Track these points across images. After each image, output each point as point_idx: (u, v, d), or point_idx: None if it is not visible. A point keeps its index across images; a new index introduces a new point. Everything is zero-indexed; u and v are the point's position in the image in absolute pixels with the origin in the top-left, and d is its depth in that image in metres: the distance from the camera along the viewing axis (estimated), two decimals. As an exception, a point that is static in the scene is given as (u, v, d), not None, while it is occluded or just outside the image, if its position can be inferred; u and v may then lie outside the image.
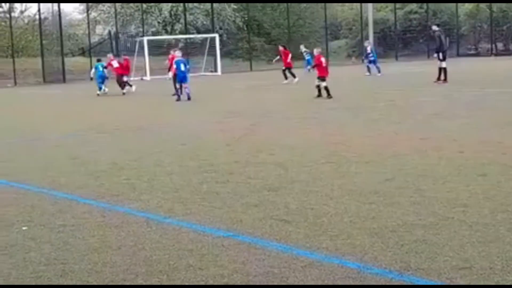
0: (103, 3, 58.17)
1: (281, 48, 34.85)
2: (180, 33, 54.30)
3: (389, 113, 17.37)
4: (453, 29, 59.92)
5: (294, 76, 32.29)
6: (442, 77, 27.07)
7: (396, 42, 57.86)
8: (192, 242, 6.53)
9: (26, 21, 56.78)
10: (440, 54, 27.27)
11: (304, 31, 60.10)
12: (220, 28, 55.40)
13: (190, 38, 52.04)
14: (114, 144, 13.97)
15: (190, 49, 51.01)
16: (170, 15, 57.18)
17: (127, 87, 30.26)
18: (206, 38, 48.64)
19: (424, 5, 59.37)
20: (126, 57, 33.01)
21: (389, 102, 20.26)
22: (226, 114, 18.96)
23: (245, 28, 56.48)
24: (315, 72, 23.64)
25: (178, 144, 13.28)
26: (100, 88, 29.81)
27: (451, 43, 58.95)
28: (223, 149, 12.38)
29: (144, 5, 53.58)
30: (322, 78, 22.82)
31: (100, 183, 9.68)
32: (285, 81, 32.22)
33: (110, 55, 32.58)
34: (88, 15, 52.90)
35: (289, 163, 10.61)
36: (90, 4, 54.39)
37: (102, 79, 30.05)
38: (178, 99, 24.32)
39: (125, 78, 30.61)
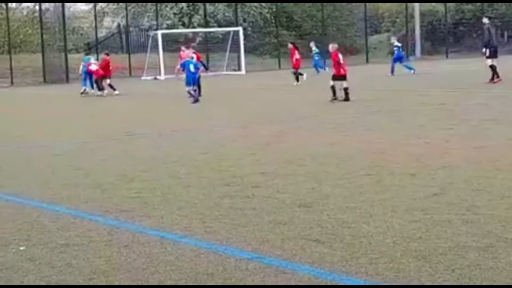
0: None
1: (290, 46, 35.80)
2: (199, 26, 54.49)
3: (438, 118, 17.28)
4: (512, 21, 59.62)
5: (297, 79, 33.26)
6: (496, 76, 26.91)
7: (446, 37, 57.58)
8: (212, 265, 6.54)
9: (24, 12, 57.27)
10: (487, 50, 27.20)
11: (340, 24, 60.05)
12: (244, 21, 55.49)
13: (210, 32, 52.19)
14: (123, 153, 14.03)
15: (210, 45, 51.14)
16: (188, 6, 57.40)
17: (106, 90, 30.93)
18: (228, 32, 48.73)
19: (479, -5, 59.11)
20: (106, 56, 33.52)
21: (437, 105, 20.18)
22: (251, 119, 18.98)
23: (273, 21, 56.53)
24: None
25: (196, 153, 13.31)
26: (84, 84, 31.75)
27: (509, 38, 58.71)
28: (247, 159, 12.39)
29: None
30: (340, 77, 22.75)
31: (107, 196, 9.73)
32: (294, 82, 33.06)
33: (90, 58, 33.51)
34: (94, 6, 53.26)
35: (322, 175, 10.59)
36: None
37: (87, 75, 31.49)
38: (196, 101, 24.59)
39: (107, 81, 31.32)
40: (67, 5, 49.73)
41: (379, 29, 66.90)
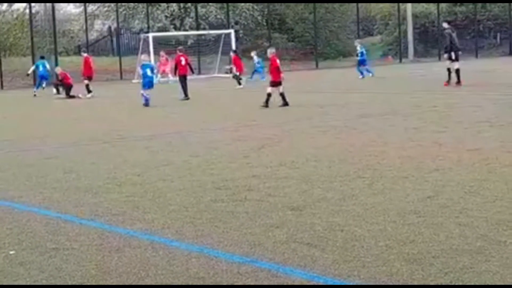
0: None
1: (232, 54, 38.08)
2: (191, 28, 54.52)
3: (431, 120, 17.31)
4: (505, 23, 59.75)
5: (239, 83, 35.06)
6: (455, 79, 27.94)
7: (439, 39, 57.64)
8: (203, 268, 6.53)
9: (14, 15, 57.15)
10: (453, 54, 28.21)
11: (333, 27, 60.14)
12: (236, 23, 55.53)
13: (201, 35, 52.18)
14: (115, 156, 14.01)
15: (202, 47, 51.14)
16: (179, 9, 57.44)
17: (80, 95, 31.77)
18: (220, 35, 48.74)
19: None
20: (84, 54, 34.24)
21: (431, 108, 20.21)
22: (244, 121, 18.99)
23: (265, 23, 56.56)
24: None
25: (188, 156, 13.31)
26: (37, 87, 33.75)
27: (502, 40, 58.90)
28: (239, 162, 12.40)
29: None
30: (276, 83, 22.95)
31: (98, 200, 9.72)
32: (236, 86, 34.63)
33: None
34: (85, 9, 53.18)
35: (315, 178, 10.60)
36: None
37: (42, 78, 33.25)
38: (187, 98, 25.87)
39: (86, 82, 32.10)
40: (57, 7, 49.66)
41: (371, 32, 67.05)
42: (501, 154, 11.92)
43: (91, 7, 58.88)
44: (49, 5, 46.68)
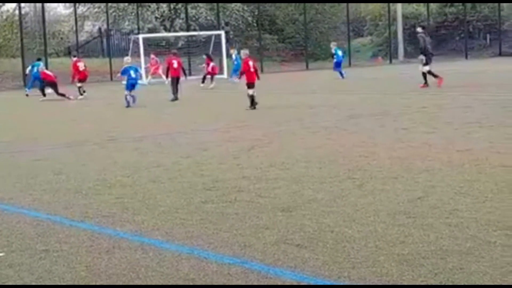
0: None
1: (205, 56, 39.14)
2: (181, 29, 54.50)
3: (421, 121, 17.34)
4: (494, 24, 59.92)
5: (202, 81, 37.07)
6: (425, 82, 28.68)
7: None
8: (193, 270, 6.53)
9: (4, 16, 57.04)
10: (424, 58, 29.25)
11: (323, 28, 60.23)
12: (226, 24, 55.54)
13: (192, 36, 52.15)
14: (105, 157, 13.99)
15: (192, 49, 51.10)
16: (169, 10, 57.41)
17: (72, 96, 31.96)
18: (210, 36, 48.71)
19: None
20: (73, 58, 34.62)
21: (420, 109, 20.24)
22: (234, 123, 18.99)
23: (255, 24, 56.60)
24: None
25: (178, 157, 13.30)
26: (29, 88, 34.63)
27: (492, 41, 59.07)
28: (230, 163, 12.39)
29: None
30: (249, 85, 22.99)
31: (88, 202, 9.70)
32: (210, 85, 35.83)
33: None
34: (75, 10, 53.10)
35: (305, 179, 10.61)
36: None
37: (36, 79, 33.66)
38: (176, 99, 26.54)
39: (78, 84, 32.66)
40: (47, 9, 49.64)
41: (361, 33, 67.15)
42: (490, 155, 11.95)
43: (81, 8, 58.78)
44: (39, 6, 46.66)
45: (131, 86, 26.38)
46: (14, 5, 51.46)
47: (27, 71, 37.25)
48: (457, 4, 60.52)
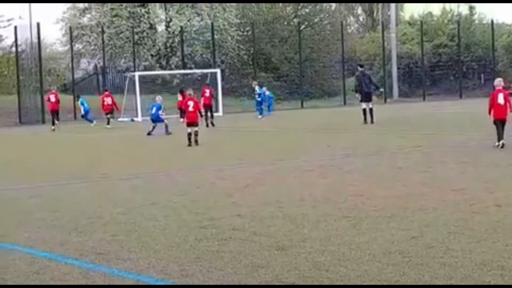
0: (89, 35, 58.67)
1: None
2: (176, 67, 54.68)
3: (416, 160, 17.39)
4: (489, 64, 60.25)
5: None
6: (369, 118, 30.45)
7: (423, 79, 58.11)
8: (188, 308, 6.52)
9: (0, 53, 57.24)
10: (360, 95, 31.41)
11: (318, 66, 60.46)
12: (222, 62, 55.79)
13: (187, 74, 52.31)
14: (99, 195, 13.99)
15: (188, 87, 51.09)
16: (165, 47, 57.69)
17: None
18: (206, 74, 48.88)
19: (456, 39, 59.69)
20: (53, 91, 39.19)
21: (415, 148, 20.29)
22: (229, 160, 19.01)
23: (251, 63, 56.84)
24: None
25: (173, 195, 13.30)
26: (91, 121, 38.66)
27: (486, 81, 59.34)
28: (224, 201, 12.40)
29: (136, 37, 54.05)
30: (188, 124, 24.08)
31: (83, 239, 9.69)
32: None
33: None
34: (71, 47, 53.23)
35: (300, 217, 10.61)
36: (74, 34, 54.73)
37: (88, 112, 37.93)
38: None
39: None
40: (43, 46, 49.68)
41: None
42: (484, 195, 11.98)
43: (78, 45, 58.99)
44: (35, 43, 46.76)
45: (151, 119, 29.95)
46: (10, 41, 51.71)
47: (82, 110, 40.26)
48: (451, 44, 60.86)
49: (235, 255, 8.44)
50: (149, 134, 29.14)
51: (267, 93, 42.93)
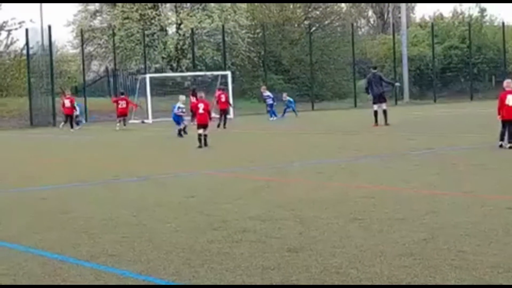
0: (100, 37, 58.86)
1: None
2: (187, 69, 54.77)
3: (427, 163, 17.37)
4: (500, 66, 60.12)
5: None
6: (381, 120, 30.63)
7: (434, 81, 57.97)
8: (200, 310, 6.53)
9: (12, 55, 57.41)
10: (372, 97, 31.69)
11: (329, 69, 60.45)
12: (233, 64, 55.82)
13: (198, 76, 52.35)
14: (111, 197, 14.02)
15: (199, 89, 51.12)
16: (176, 50, 57.80)
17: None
18: (216, 76, 48.90)
19: (467, 41, 59.57)
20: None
21: (426, 150, 20.27)
22: (240, 163, 19.01)
23: (261, 65, 56.89)
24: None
25: (185, 197, 13.32)
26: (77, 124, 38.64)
27: (497, 83, 59.18)
28: (236, 203, 12.41)
29: (147, 39, 54.13)
30: (199, 126, 24.03)
31: (94, 241, 9.71)
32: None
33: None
34: (82, 50, 53.43)
35: (311, 219, 10.62)
36: (85, 37, 54.88)
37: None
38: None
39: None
40: (54, 48, 49.83)
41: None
42: (496, 197, 11.96)
43: (89, 48, 59.17)
44: (46, 45, 46.89)
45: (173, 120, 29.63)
46: (22, 44, 51.86)
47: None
48: (462, 46, 60.73)
49: (246, 257, 8.45)
50: (180, 135, 28.68)
51: (288, 98, 42.88)
